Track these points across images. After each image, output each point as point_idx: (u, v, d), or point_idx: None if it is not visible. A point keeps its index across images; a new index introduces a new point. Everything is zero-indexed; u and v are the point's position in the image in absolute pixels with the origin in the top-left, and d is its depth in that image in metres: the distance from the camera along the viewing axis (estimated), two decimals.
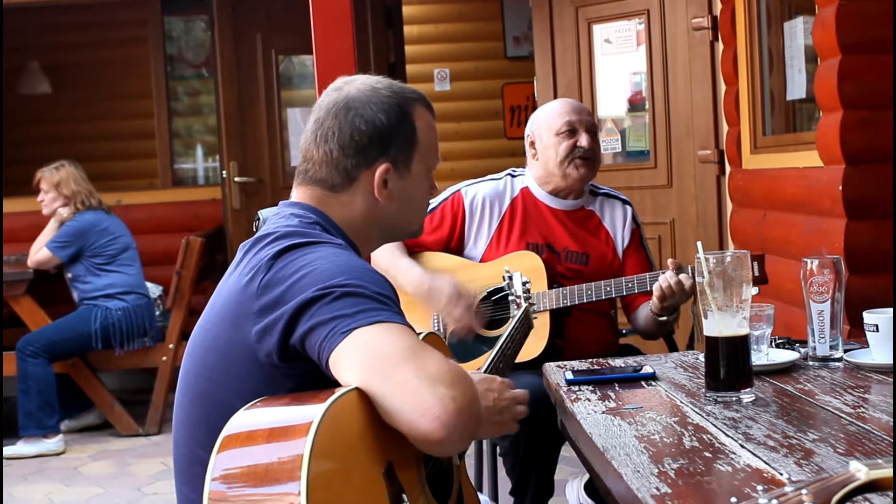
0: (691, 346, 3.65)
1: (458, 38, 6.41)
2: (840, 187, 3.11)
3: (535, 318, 2.61)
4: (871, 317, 2.03)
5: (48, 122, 6.81)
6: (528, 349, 2.71)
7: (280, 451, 1.27)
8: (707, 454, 1.50)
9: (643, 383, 2.03)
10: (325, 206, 1.69)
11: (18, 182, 6.06)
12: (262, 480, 1.26)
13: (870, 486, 1.01)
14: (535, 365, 2.66)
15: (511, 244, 2.95)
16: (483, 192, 3.00)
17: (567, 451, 2.74)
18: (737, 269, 1.80)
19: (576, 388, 2.02)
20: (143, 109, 6.94)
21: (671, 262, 2.72)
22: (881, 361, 1.99)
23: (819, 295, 2.05)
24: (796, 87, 3.79)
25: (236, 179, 6.30)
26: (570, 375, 2.10)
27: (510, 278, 2.52)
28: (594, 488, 3.09)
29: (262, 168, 6.54)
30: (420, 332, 1.59)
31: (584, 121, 2.99)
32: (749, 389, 1.81)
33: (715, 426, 1.65)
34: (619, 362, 2.24)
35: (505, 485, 2.88)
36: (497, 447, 2.87)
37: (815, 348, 2.08)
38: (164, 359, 5.21)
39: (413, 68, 6.39)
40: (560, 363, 2.28)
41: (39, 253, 5.09)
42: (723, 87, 4.31)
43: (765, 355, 2.06)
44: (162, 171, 6.97)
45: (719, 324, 1.80)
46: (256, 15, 6.46)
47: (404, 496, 1.41)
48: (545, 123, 3.01)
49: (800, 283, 2.08)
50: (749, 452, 1.49)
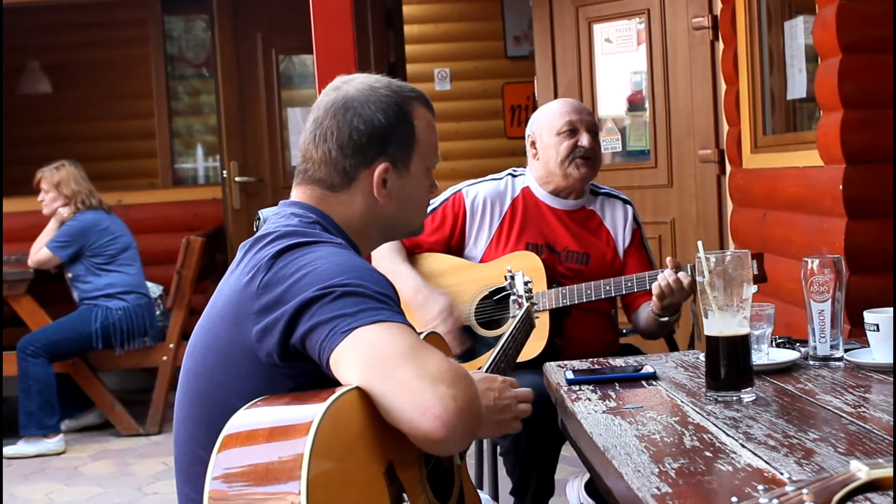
0: (692, 346, 3.65)
1: (459, 37, 6.41)
2: (840, 187, 3.11)
3: (537, 318, 2.61)
4: (871, 316, 2.03)
5: (48, 121, 6.81)
6: (528, 349, 2.70)
7: (280, 450, 1.27)
8: (708, 454, 1.50)
9: (644, 383, 2.03)
10: (325, 205, 1.68)
11: (19, 182, 6.06)
12: (263, 480, 1.26)
13: (870, 486, 1.01)
14: (534, 365, 2.66)
15: (511, 244, 2.95)
16: (484, 193, 3.00)
17: (567, 451, 2.74)
18: (737, 269, 1.80)
19: (576, 388, 2.02)
20: (143, 109, 6.94)
21: (670, 261, 2.72)
22: (882, 361, 1.99)
23: (820, 294, 2.05)
24: (797, 87, 3.79)
25: (237, 179, 6.30)
26: (570, 375, 2.10)
27: (512, 278, 2.52)
28: (595, 488, 3.09)
29: (263, 168, 6.54)
30: (421, 332, 1.59)
31: (584, 120, 2.99)
32: (749, 389, 1.81)
33: (715, 426, 1.65)
34: (619, 362, 2.24)
35: (505, 484, 2.87)
36: (497, 447, 2.87)
37: (815, 348, 2.08)
38: (164, 358, 5.21)
39: (413, 68, 6.39)
40: (560, 363, 2.28)
41: (40, 253, 5.09)
42: (723, 87, 4.31)
43: (765, 355, 2.06)
44: (162, 171, 6.97)
45: (720, 323, 1.80)
46: (257, 14, 6.46)
47: (405, 495, 1.41)
48: (546, 123, 3.01)
49: (800, 282, 2.08)
50: (750, 452, 1.49)
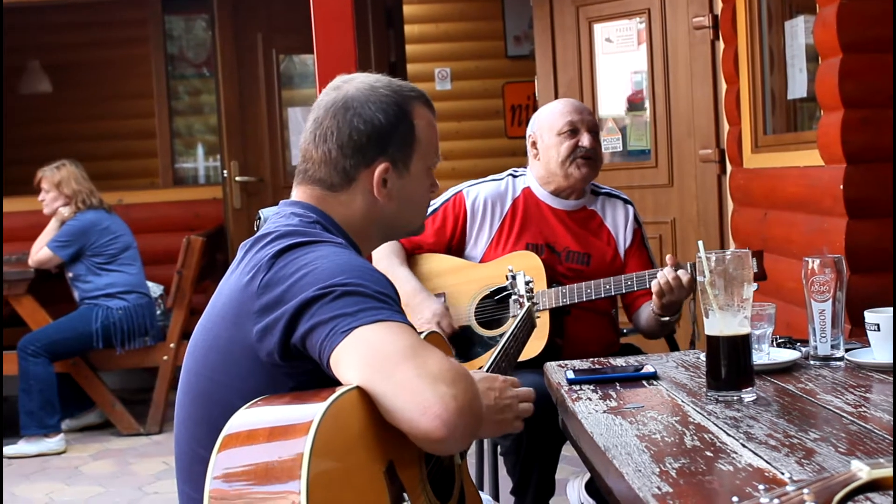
0: (693, 346, 3.65)
1: (459, 37, 6.41)
2: (841, 186, 3.11)
3: (538, 317, 2.61)
4: (872, 316, 2.03)
5: (49, 121, 6.81)
6: (528, 348, 2.70)
7: (280, 449, 1.27)
8: (708, 453, 1.50)
9: (644, 383, 2.03)
10: (325, 205, 1.68)
11: (19, 181, 6.06)
12: (263, 479, 1.26)
13: (871, 486, 1.01)
14: (535, 364, 2.66)
15: (511, 244, 2.95)
16: (485, 193, 3.00)
17: (568, 451, 2.74)
18: (738, 269, 1.80)
19: (577, 388, 2.02)
20: (143, 109, 6.94)
21: (670, 259, 2.72)
22: (882, 361, 1.99)
23: (820, 294, 2.05)
24: (797, 87, 3.79)
25: (237, 179, 6.30)
26: (571, 375, 2.10)
27: (513, 278, 2.52)
28: (595, 488, 3.09)
29: (263, 167, 6.54)
30: (421, 332, 1.58)
31: (585, 121, 2.98)
32: (750, 389, 1.81)
33: (716, 425, 1.65)
34: (620, 362, 2.24)
35: (506, 484, 2.87)
36: (498, 446, 2.86)
37: (816, 347, 2.08)
38: (165, 358, 5.21)
39: (414, 67, 6.39)
40: (561, 362, 2.28)
41: (40, 252, 5.09)
42: (724, 87, 4.31)
43: (766, 354, 2.06)
44: (163, 171, 6.97)
45: (720, 323, 1.80)
46: (257, 14, 6.46)
47: (405, 495, 1.41)
48: (547, 123, 3.01)
49: (801, 282, 2.08)
50: (750, 452, 1.49)
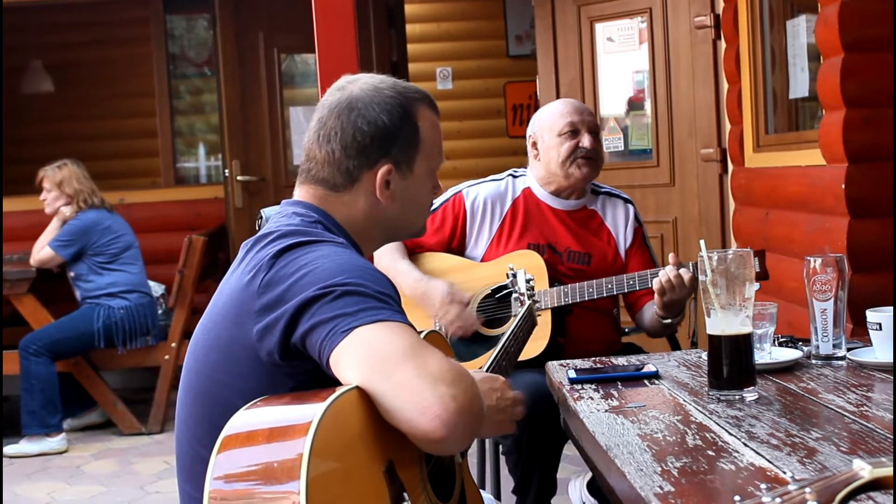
0: (695, 345, 3.65)
1: (461, 36, 6.41)
2: (843, 186, 3.10)
3: (539, 315, 2.60)
4: (873, 315, 2.03)
5: (50, 120, 6.81)
6: (530, 348, 2.70)
7: (280, 450, 1.27)
8: (710, 453, 1.50)
9: (646, 382, 2.03)
10: (328, 205, 1.68)
11: (21, 181, 6.07)
12: (263, 480, 1.26)
13: (873, 485, 1.01)
14: (536, 363, 2.66)
15: (512, 244, 2.95)
16: (484, 193, 3.00)
17: (570, 450, 2.73)
18: (739, 268, 1.79)
19: (578, 387, 2.02)
20: (145, 108, 6.94)
21: (672, 258, 2.72)
22: (884, 360, 1.99)
23: (822, 293, 2.05)
24: (799, 86, 3.79)
25: (239, 178, 6.30)
26: (572, 374, 2.10)
27: (514, 276, 2.52)
28: (597, 487, 3.09)
29: (265, 167, 6.54)
30: (421, 331, 1.58)
31: (586, 121, 2.98)
32: (752, 388, 1.81)
33: (718, 425, 1.65)
34: (621, 361, 2.24)
35: (507, 483, 2.87)
36: (500, 445, 2.86)
37: (818, 347, 2.08)
38: (166, 357, 5.22)
39: (415, 67, 6.39)
40: (563, 362, 2.28)
41: (42, 252, 5.10)
42: (725, 86, 4.31)
43: (768, 354, 2.06)
44: (164, 170, 6.97)
45: (722, 322, 1.80)
46: (258, 13, 6.46)
47: (405, 495, 1.41)
48: (547, 124, 3.00)
49: (803, 281, 2.08)
50: (752, 451, 1.49)
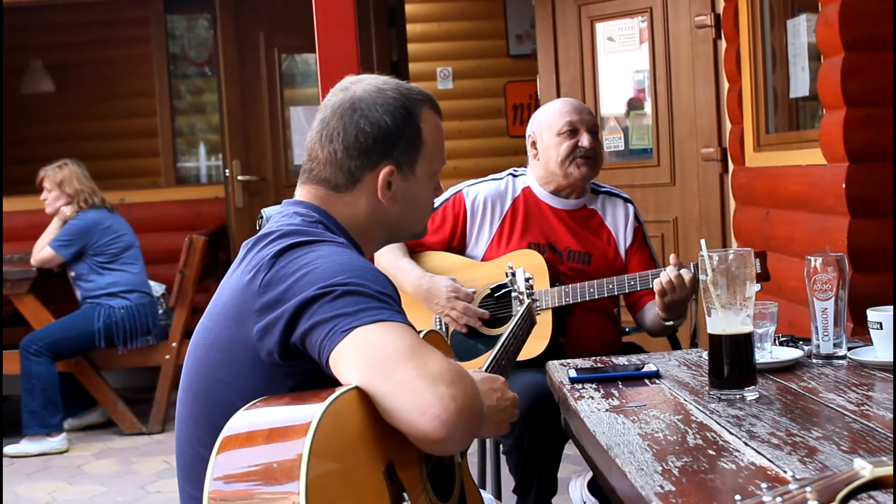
0: (695, 345, 3.65)
1: (461, 36, 6.41)
2: (843, 185, 3.10)
3: (539, 314, 2.60)
4: (874, 314, 2.03)
5: (51, 120, 6.81)
6: (531, 347, 2.70)
7: (280, 451, 1.26)
8: (711, 452, 1.49)
9: (647, 381, 2.03)
10: (329, 205, 1.68)
11: (21, 181, 6.07)
12: (263, 480, 1.26)
13: (874, 484, 1.01)
14: (537, 363, 2.66)
15: (512, 244, 2.95)
16: (484, 193, 3.00)
17: (570, 449, 2.73)
18: (740, 267, 1.79)
19: (579, 386, 2.02)
20: (145, 108, 6.94)
21: (673, 258, 2.72)
22: (885, 359, 1.99)
23: (823, 293, 2.05)
24: (799, 85, 3.79)
25: (239, 178, 6.30)
26: (573, 373, 2.09)
27: (513, 274, 2.52)
28: (598, 486, 3.09)
29: (265, 166, 6.54)
30: (421, 331, 1.58)
31: (585, 120, 2.98)
32: (753, 387, 1.81)
33: (719, 424, 1.65)
34: (622, 360, 2.24)
35: (508, 483, 2.87)
36: (500, 445, 2.86)
37: (818, 346, 2.08)
38: (167, 357, 5.22)
39: (416, 66, 6.39)
40: (563, 361, 2.28)
41: (43, 251, 5.10)
42: (726, 85, 4.30)
43: (768, 353, 2.05)
44: (165, 170, 6.97)
45: (723, 321, 1.80)
46: (259, 13, 6.46)
47: (405, 495, 1.41)
48: (546, 123, 3.00)
49: (803, 280, 2.08)
50: (753, 450, 1.48)
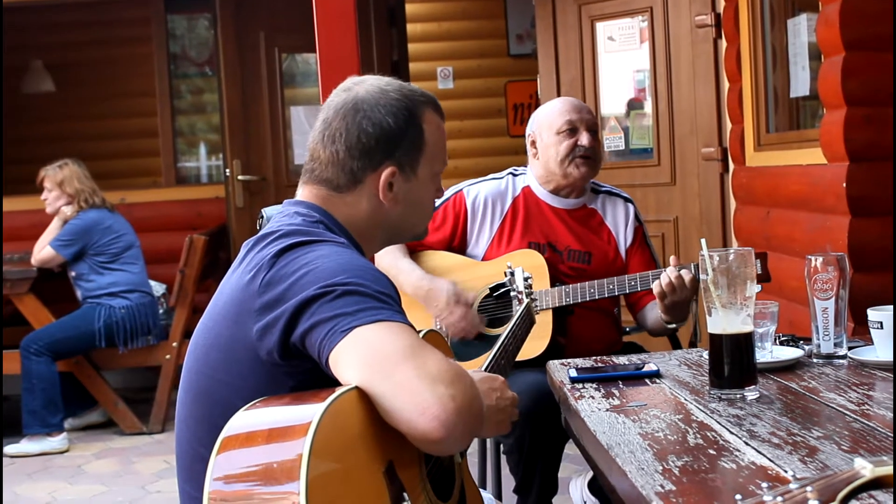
0: (694, 345, 3.65)
1: (461, 35, 6.41)
2: (844, 184, 3.10)
3: (538, 313, 2.60)
4: (875, 314, 2.03)
5: (52, 120, 6.81)
6: (531, 347, 2.70)
7: (280, 451, 1.26)
8: (711, 451, 1.49)
9: (647, 381, 2.03)
10: (330, 205, 1.68)
11: (22, 180, 6.07)
12: (263, 480, 1.25)
13: (875, 484, 1.01)
14: (537, 363, 2.66)
15: (513, 243, 2.95)
16: (485, 192, 3.00)
17: (571, 449, 2.73)
18: (741, 267, 1.79)
19: (580, 386, 2.02)
20: (146, 108, 6.94)
21: (673, 260, 2.71)
22: (885, 358, 1.99)
23: (823, 292, 2.04)
24: (800, 85, 3.78)
25: (240, 178, 6.30)
26: (573, 373, 2.09)
27: (512, 274, 2.52)
28: (598, 486, 3.09)
29: (266, 166, 6.54)
30: (420, 331, 1.58)
31: (584, 119, 2.98)
32: (753, 387, 1.81)
33: (719, 423, 1.65)
34: (622, 360, 2.24)
35: (508, 482, 2.87)
36: (501, 445, 2.86)
37: (819, 345, 2.08)
38: (167, 357, 5.22)
39: (416, 66, 6.39)
40: (564, 361, 2.28)
41: (43, 251, 5.10)
42: (726, 85, 4.30)
43: (769, 352, 2.05)
44: (165, 170, 6.97)
45: (723, 321, 1.80)
46: (259, 13, 6.46)
47: (405, 495, 1.41)
48: (546, 122, 3.00)
49: (804, 280, 2.08)
50: (753, 450, 1.48)
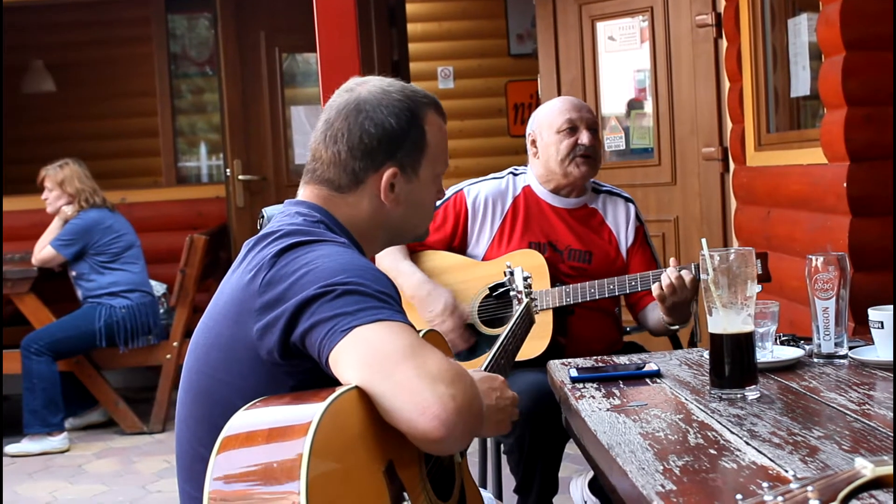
0: (694, 344, 3.65)
1: (462, 35, 6.40)
2: (844, 184, 3.10)
3: (538, 313, 2.60)
4: (875, 314, 2.03)
5: (52, 120, 6.82)
6: (531, 347, 2.70)
7: (280, 450, 1.26)
8: (712, 451, 1.49)
9: (648, 381, 2.03)
10: (331, 205, 1.68)
11: (23, 180, 6.07)
12: (263, 480, 1.25)
13: (875, 483, 1.01)
14: (538, 363, 2.65)
15: (513, 243, 2.94)
16: (485, 192, 2.99)
17: (571, 449, 2.73)
18: (741, 266, 1.79)
19: (580, 386, 2.02)
20: (146, 107, 6.94)
21: (672, 262, 2.71)
22: (886, 358, 1.98)
23: (824, 292, 2.04)
24: (800, 84, 3.78)
25: (240, 177, 6.30)
26: (574, 373, 2.09)
27: (511, 273, 2.52)
28: (598, 486, 3.09)
29: (266, 166, 6.54)
30: (420, 330, 1.58)
31: (584, 118, 2.98)
32: (754, 386, 1.81)
33: (720, 423, 1.65)
34: (623, 360, 2.24)
35: (509, 482, 2.87)
36: (501, 444, 2.86)
37: (819, 345, 2.08)
38: (168, 356, 5.22)
39: (416, 66, 6.39)
40: (564, 361, 2.28)
41: (44, 251, 5.10)
42: (727, 85, 4.30)
43: (769, 352, 2.05)
44: (166, 169, 6.97)
45: (724, 321, 1.79)
46: (260, 12, 6.46)
47: (405, 494, 1.41)
48: (546, 121, 3.00)
49: (804, 280, 2.08)
50: (754, 449, 1.48)
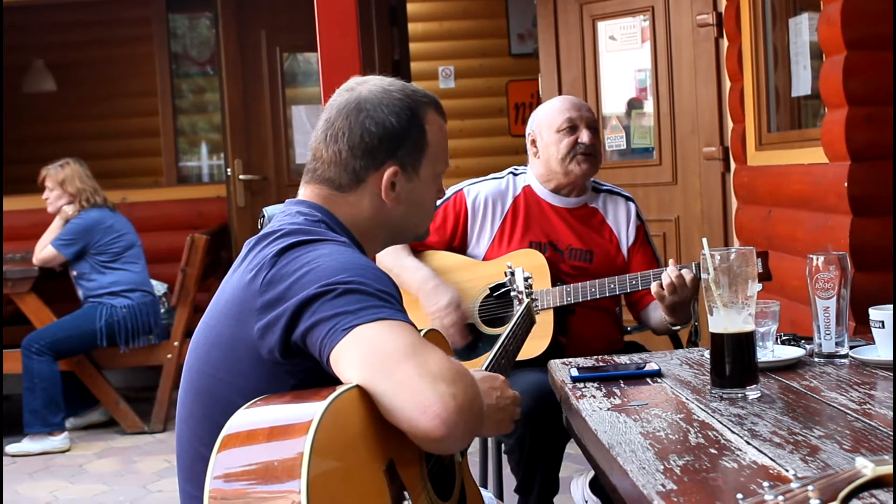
0: (694, 344, 3.65)
1: (463, 35, 6.40)
2: (845, 184, 3.10)
3: (538, 313, 2.60)
4: (876, 313, 2.03)
5: (53, 120, 6.82)
6: (532, 347, 2.70)
7: (280, 449, 1.26)
8: (713, 451, 1.49)
9: (648, 380, 2.03)
10: (332, 205, 1.68)
11: (23, 180, 6.07)
12: (263, 479, 1.26)
13: (876, 483, 1.01)
14: (538, 363, 2.65)
15: (514, 243, 2.94)
16: (485, 192, 2.99)
17: (572, 448, 2.73)
18: (742, 266, 1.79)
19: (581, 385, 2.02)
20: (147, 107, 6.95)
21: (672, 262, 2.71)
22: (886, 358, 1.98)
23: (825, 291, 2.04)
24: (801, 84, 3.78)
25: (241, 177, 6.30)
26: (575, 372, 2.09)
27: (512, 273, 2.52)
28: (599, 485, 3.09)
29: (267, 166, 6.54)
30: (421, 329, 1.58)
31: (584, 117, 2.97)
32: (754, 386, 1.81)
33: (720, 423, 1.65)
34: (623, 359, 2.24)
35: (510, 482, 2.87)
36: (502, 444, 2.86)
37: (820, 345, 2.08)
38: (168, 356, 5.22)
39: (417, 65, 6.39)
40: (565, 360, 2.28)
41: (45, 251, 5.10)
42: (728, 84, 4.30)
43: (770, 352, 2.05)
44: (167, 169, 6.97)
45: (725, 320, 1.79)
46: (261, 12, 6.46)
47: (406, 493, 1.41)
48: (546, 121, 3.00)
49: (805, 279, 2.08)
50: (755, 449, 1.48)
